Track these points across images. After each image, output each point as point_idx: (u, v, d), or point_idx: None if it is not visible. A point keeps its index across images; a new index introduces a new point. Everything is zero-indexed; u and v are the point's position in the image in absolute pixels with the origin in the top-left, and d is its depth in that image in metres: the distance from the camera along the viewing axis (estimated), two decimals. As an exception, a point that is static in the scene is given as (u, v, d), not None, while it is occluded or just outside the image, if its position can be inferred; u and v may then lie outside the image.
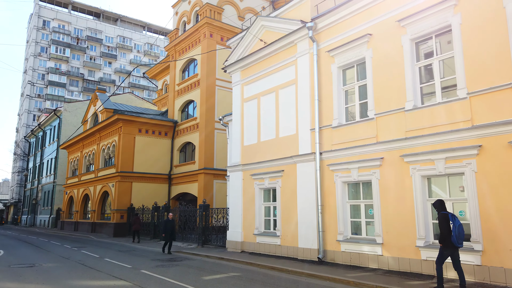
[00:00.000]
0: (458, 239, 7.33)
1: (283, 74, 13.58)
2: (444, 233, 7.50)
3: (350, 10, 11.10)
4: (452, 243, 7.38)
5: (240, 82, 15.65)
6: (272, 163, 13.51)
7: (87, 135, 31.98)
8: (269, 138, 13.90)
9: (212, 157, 25.71)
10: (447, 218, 7.57)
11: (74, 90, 73.19)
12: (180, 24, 30.32)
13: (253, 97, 14.86)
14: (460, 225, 7.46)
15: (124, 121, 26.58)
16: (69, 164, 36.86)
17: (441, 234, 7.61)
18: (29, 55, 71.61)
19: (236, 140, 15.46)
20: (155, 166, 27.68)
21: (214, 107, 26.25)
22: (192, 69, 28.64)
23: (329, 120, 11.65)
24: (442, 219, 7.61)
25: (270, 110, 13.97)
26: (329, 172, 11.44)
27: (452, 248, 7.47)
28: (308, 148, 12.15)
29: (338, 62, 11.54)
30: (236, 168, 15.17)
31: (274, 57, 14.00)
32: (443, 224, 7.54)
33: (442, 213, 7.68)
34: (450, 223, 7.51)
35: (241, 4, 28.83)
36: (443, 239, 7.51)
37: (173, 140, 28.68)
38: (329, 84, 11.77)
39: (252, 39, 14.92)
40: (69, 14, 76.19)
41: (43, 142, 47.59)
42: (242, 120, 15.30)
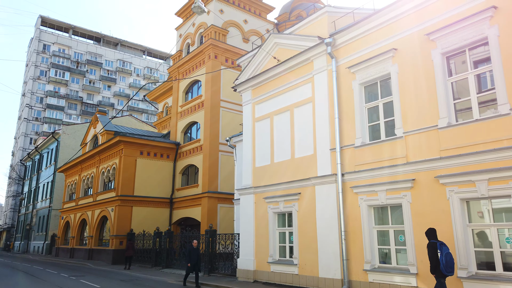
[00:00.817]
0: (447, 268, 7.37)
1: (298, 92, 13.00)
2: (433, 262, 7.55)
3: (373, 25, 10.63)
4: (441, 271, 7.41)
5: (251, 101, 15.05)
6: (288, 186, 12.72)
7: (86, 158, 31.11)
8: (283, 159, 13.16)
9: (216, 180, 24.85)
10: (434, 246, 7.63)
11: (73, 113, 72.71)
12: (183, 46, 30.09)
13: (266, 116, 14.22)
14: (448, 253, 7.48)
15: (126, 143, 25.82)
16: (66, 188, 35.77)
17: (430, 264, 7.65)
18: (28, 79, 71.44)
19: (247, 161, 14.71)
20: (156, 190, 26.74)
21: (218, 129, 25.61)
22: (195, 90, 28.18)
23: (351, 139, 10.97)
24: (429, 248, 7.70)
25: (285, 130, 13.30)
26: (352, 195, 10.66)
27: (442, 277, 7.50)
28: (328, 169, 11.41)
29: (359, 78, 10.98)
30: (247, 190, 14.35)
31: (288, 75, 13.46)
32: (430, 253, 7.63)
33: (430, 242, 7.77)
34: (438, 252, 7.55)
35: (245, 26, 28.71)
36: (434, 268, 7.53)
37: (175, 162, 27.86)
38: (350, 102, 11.17)
39: (265, 57, 14.43)
40: (70, 39, 76.66)
41: (40, 165, 46.54)
42: (254, 140, 14.60)
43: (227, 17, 27.61)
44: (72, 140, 41.47)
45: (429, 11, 9.41)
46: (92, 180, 30.28)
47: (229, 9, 27.83)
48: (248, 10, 29.18)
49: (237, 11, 28.44)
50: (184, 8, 30.92)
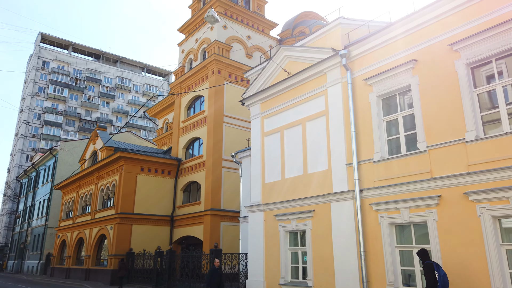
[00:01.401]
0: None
1: (310, 105, 12.59)
2: (431, 283, 7.54)
3: (391, 35, 10.31)
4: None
5: (259, 115, 14.62)
6: (300, 202, 12.16)
7: (85, 174, 30.41)
8: (295, 175, 12.64)
9: (219, 197, 24.21)
10: (432, 268, 7.63)
11: (70, 130, 72.13)
12: (186, 62, 29.87)
13: (276, 131, 13.77)
14: (445, 274, 7.57)
15: (126, 159, 25.24)
16: (63, 206, 34.90)
17: (427, 284, 7.63)
18: (26, 95, 71.08)
19: (256, 177, 14.16)
20: (157, 207, 26.02)
21: (221, 145, 25.12)
22: (198, 106, 27.81)
23: (369, 154, 10.50)
24: (427, 269, 7.68)
25: (296, 144, 12.83)
26: (372, 213, 10.11)
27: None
28: (344, 185, 10.89)
29: (376, 91, 10.58)
30: (256, 208, 13.76)
31: (300, 88, 13.08)
32: (429, 274, 7.61)
33: (426, 263, 7.77)
34: (435, 272, 7.57)
35: (248, 42, 28.58)
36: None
37: (176, 179, 27.22)
38: (367, 115, 10.74)
39: (274, 70, 14.08)
40: (69, 55, 76.75)
41: (36, 182, 45.64)
42: (263, 155, 14.10)
43: (230, 33, 27.51)
44: (70, 157, 40.78)
45: (452, 21, 9.10)
46: (90, 197, 29.51)
47: (232, 25, 27.74)
48: (251, 26, 29.14)
49: (241, 27, 28.37)
50: (187, 24, 30.86)
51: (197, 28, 29.57)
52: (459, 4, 8.96)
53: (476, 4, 8.76)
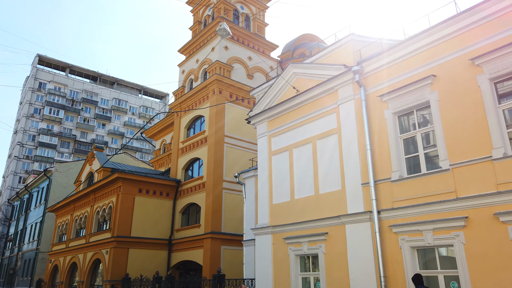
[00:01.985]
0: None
1: (321, 123, 12.19)
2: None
3: (407, 51, 10.03)
4: None
5: (266, 134, 14.18)
6: (312, 224, 11.57)
7: (80, 197, 29.53)
8: (305, 195, 12.10)
9: (219, 220, 23.41)
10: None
11: (65, 152, 71.24)
12: (186, 82, 29.62)
13: (284, 149, 13.30)
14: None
15: (124, 180, 24.50)
16: (56, 229, 33.74)
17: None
18: (21, 116, 70.44)
19: (263, 198, 13.59)
20: (154, 230, 25.10)
21: (222, 166, 24.54)
22: (198, 126, 27.37)
23: (386, 173, 10.03)
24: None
25: (306, 163, 12.35)
26: (391, 235, 9.54)
27: None
28: (360, 206, 10.35)
29: (392, 107, 10.22)
30: (264, 230, 13.12)
31: (309, 105, 12.71)
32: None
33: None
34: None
35: (249, 63, 28.50)
36: None
37: (175, 201, 26.44)
38: (383, 132, 10.34)
39: (282, 88, 13.75)
40: (66, 77, 76.68)
41: (29, 205, 44.43)
42: (270, 175, 13.58)
43: (231, 53, 27.43)
44: (65, 179, 39.90)
45: (473, 35, 8.85)
46: (85, 220, 28.54)
47: (233, 46, 27.71)
48: (252, 47, 29.12)
49: (242, 48, 28.34)
50: (187, 46, 30.82)
51: (198, 49, 29.50)
52: (479, 18, 8.73)
53: (498, 18, 8.53)
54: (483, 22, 8.73)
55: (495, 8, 8.51)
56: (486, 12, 8.63)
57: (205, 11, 31.18)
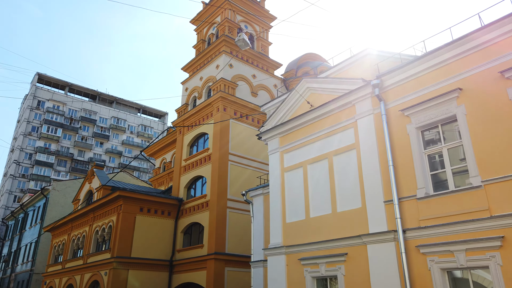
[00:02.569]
0: None
1: (337, 139, 11.81)
2: None
3: (431, 64, 9.75)
4: None
5: (278, 150, 13.76)
6: (330, 244, 11.01)
7: (78, 215, 28.71)
8: (322, 213, 11.58)
9: (223, 240, 22.68)
10: None
11: (62, 170, 70.38)
12: (190, 100, 29.37)
13: (297, 166, 12.86)
14: None
15: (125, 198, 23.83)
16: (52, 249, 32.70)
17: None
18: (19, 134, 69.82)
19: (275, 216, 13.04)
20: (155, 251, 24.27)
21: (226, 184, 23.97)
22: (202, 143, 26.93)
23: (410, 190, 9.57)
24: None
25: (322, 180, 11.88)
26: (419, 256, 9.01)
27: None
28: (383, 225, 9.85)
29: (415, 122, 9.86)
30: (277, 251, 12.51)
31: (324, 121, 12.35)
32: None
33: None
34: None
35: (254, 81, 28.36)
36: None
37: (176, 220, 25.71)
38: (405, 148, 9.94)
39: (295, 103, 13.42)
40: (65, 96, 76.58)
41: (24, 224, 43.29)
42: (283, 192, 13.08)
43: (236, 71, 27.31)
44: (62, 197, 39.02)
45: (502, 47, 8.59)
46: (83, 239, 27.65)
47: (238, 64, 27.61)
48: (256, 65, 29.06)
49: (246, 66, 28.25)
50: (191, 63, 30.75)
51: (201, 67, 29.39)
52: (508, 30, 8.48)
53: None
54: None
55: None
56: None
57: (209, 30, 31.26)
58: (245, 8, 30.65)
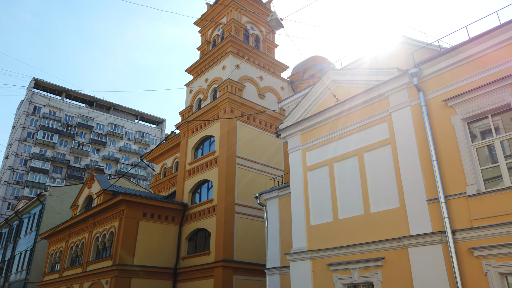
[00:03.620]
0: None
1: (368, 134, 10.94)
2: None
3: (478, 49, 8.94)
4: None
5: (300, 148, 12.85)
6: (363, 248, 10.06)
7: (77, 221, 27.51)
8: (352, 215, 10.65)
9: (231, 247, 21.61)
10: None
11: (57, 177, 68.90)
12: (194, 102, 28.48)
13: (322, 164, 11.95)
14: None
15: (128, 202, 22.74)
16: (49, 257, 31.37)
17: None
18: (14, 140, 68.42)
19: (298, 219, 12.08)
20: (159, 258, 23.12)
21: (234, 188, 22.98)
22: (207, 146, 25.97)
23: (458, 187, 8.69)
24: None
25: (351, 179, 10.98)
26: (472, 260, 8.09)
27: None
28: (426, 226, 8.93)
29: (461, 112, 9.02)
30: (302, 256, 11.53)
31: (353, 115, 11.49)
32: None
33: None
34: None
35: (261, 83, 27.57)
36: None
37: (181, 226, 24.61)
38: (450, 141, 9.08)
39: (318, 97, 12.56)
40: (62, 101, 75.41)
41: (18, 232, 41.84)
42: (307, 193, 12.14)
43: (243, 72, 26.50)
44: (59, 203, 37.76)
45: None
46: (82, 247, 26.42)
47: (245, 65, 26.82)
48: (262, 67, 28.29)
49: (253, 68, 27.47)
50: (195, 65, 29.93)
51: (206, 68, 28.58)
52: None
53: None
54: None
55: None
56: None
57: (214, 31, 30.54)
58: (251, 9, 29.99)
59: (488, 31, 8.68)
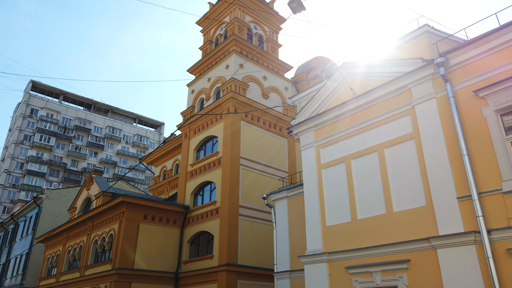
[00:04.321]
0: None
1: (389, 128, 10.32)
2: None
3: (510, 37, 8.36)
4: None
5: (313, 144, 12.22)
6: (386, 250, 9.41)
7: (75, 224, 26.68)
8: (373, 214, 10.01)
9: (235, 250, 20.87)
10: None
11: (54, 181, 67.91)
12: (196, 102, 27.84)
13: (338, 161, 11.32)
14: None
15: (129, 204, 21.97)
16: (45, 261, 30.48)
17: None
18: (10, 143, 67.45)
19: (312, 219, 11.42)
20: (159, 262, 22.34)
21: (238, 190, 22.27)
22: (210, 147, 25.29)
23: (492, 183, 8.08)
24: None
25: (370, 176, 10.35)
26: (511, 261, 7.45)
27: None
28: (458, 225, 8.29)
29: (493, 103, 8.43)
30: (317, 258, 10.85)
31: (371, 109, 10.89)
32: None
33: None
34: None
35: (265, 83, 26.98)
36: None
37: (182, 229, 23.83)
38: (481, 134, 8.49)
39: (333, 91, 11.96)
40: (60, 104, 74.56)
41: (14, 236, 40.87)
42: (321, 192, 11.49)
43: (246, 72, 25.89)
44: (56, 206, 36.87)
45: None
46: (80, 250, 25.59)
47: (249, 65, 26.22)
48: (266, 67, 27.72)
49: (257, 67, 26.87)
50: (197, 65, 29.34)
51: (209, 68, 27.99)
52: None
53: None
54: None
55: None
56: None
57: (217, 31, 29.98)
58: (255, 8, 29.47)
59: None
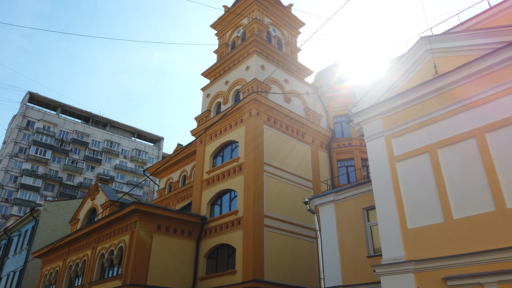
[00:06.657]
0: None
1: (489, 110, 8.61)
2: None
3: None
4: None
5: (382, 134, 10.43)
6: (500, 256, 7.51)
7: (78, 237, 24.34)
8: (476, 213, 8.15)
9: (262, 265, 18.71)
10: None
11: (48, 195, 65.15)
12: (212, 106, 26.06)
13: (419, 152, 9.51)
14: None
15: (142, 213, 19.82)
16: (42, 278, 27.86)
17: None
18: (5, 156, 64.89)
19: (388, 221, 9.51)
20: (174, 278, 19.98)
21: (262, 198, 20.26)
22: (228, 153, 23.36)
23: None
24: None
25: (467, 167, 8.55)
26: None
27: None
28: None
29: None
30: (400, 268, 8.88)
31: (461, 89, 9.18)
32: None
33: None
34: None
35: (286, 86, 25.37)
36: None
37: (198, 242, 21.62)
38: None
39: (407, 71, 10.28)
40: (57, 116, 72.55)
41: (6, 251, 38.11)
42: (397, 189, 9.62)
43: (267, 74, 24.23)
44: (54, 219, 34.40)
45: None
46: (84, 265, 23.15)
47: (270, 67, 24.68)
48: (287, 70, 26.19)
49: (278, 70, 25.26)
50: (212, 69, 27.77)
51: (226, 71, 26.38)
52: None
53: None
54: None
55: None
56: None
57: (233, 33, 28.58)
58: (274, 11, 28.20)
59: None
